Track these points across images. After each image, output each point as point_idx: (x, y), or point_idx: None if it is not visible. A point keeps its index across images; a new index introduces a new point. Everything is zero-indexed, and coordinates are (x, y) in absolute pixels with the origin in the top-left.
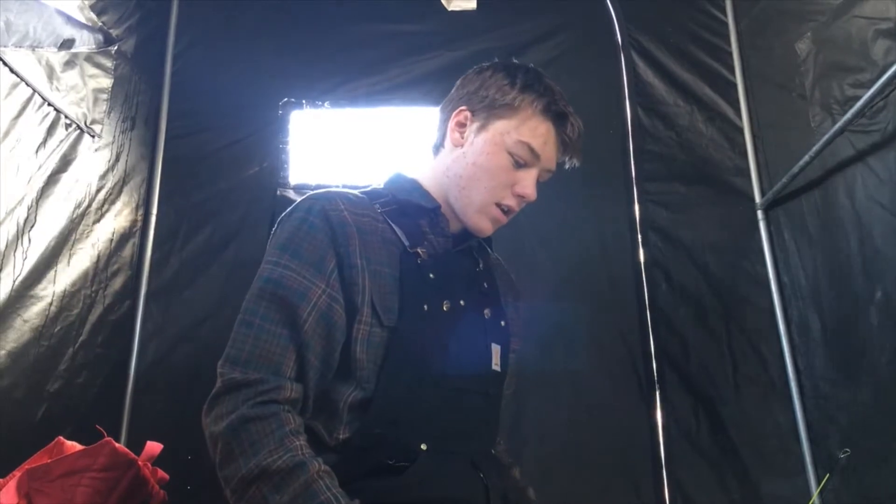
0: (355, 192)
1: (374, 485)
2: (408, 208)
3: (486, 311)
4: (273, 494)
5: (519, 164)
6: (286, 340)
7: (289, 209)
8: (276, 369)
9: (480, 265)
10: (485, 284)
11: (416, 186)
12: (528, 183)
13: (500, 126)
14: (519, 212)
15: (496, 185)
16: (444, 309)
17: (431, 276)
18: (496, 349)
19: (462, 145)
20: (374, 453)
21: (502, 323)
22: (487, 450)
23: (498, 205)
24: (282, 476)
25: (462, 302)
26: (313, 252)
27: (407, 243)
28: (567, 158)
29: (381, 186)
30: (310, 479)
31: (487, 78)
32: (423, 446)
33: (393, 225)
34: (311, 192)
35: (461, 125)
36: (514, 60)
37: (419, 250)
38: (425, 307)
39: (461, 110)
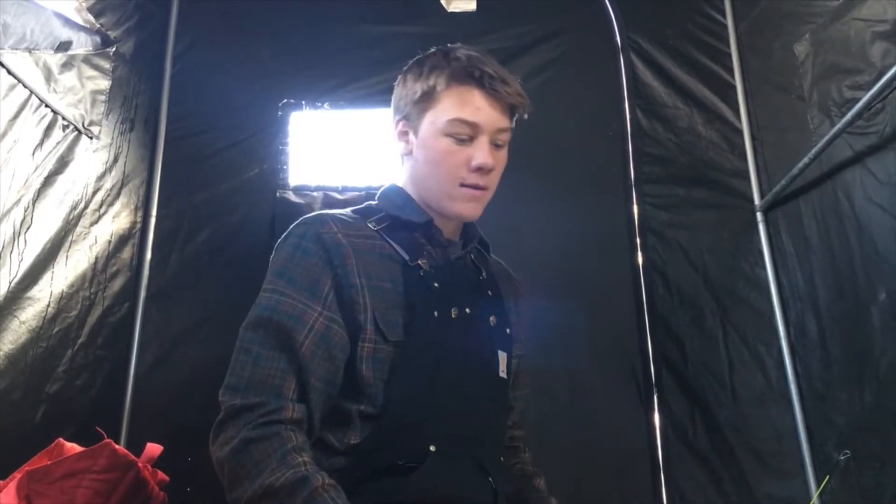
0: (347, 211)
1: (384, 485)
2: (402, 223)
3: (492, 319)
4: None
5: (462, 140)
6: (285, 364)
7: (283, 235)
8: (276, 392)
9: (483, 273)
10: (489, 292)
11: (407, 200)
12: (479, 154)
13: (428, 117)
14: (517, 214)
15: (450, 168)
16: (453, 316)
17: (436, 285)
18: (502, 356)
19: (411, 152)
20: (384, 454)
21: (507, 331)
22: (496, 455)
23: (462, 185)
24: (286, 493)
25: (468, 310)
26: (307, 276)
27: (407, 257)
28: (516, 111)
29: (376, 202)
30: (314, 492)
31: (404, 80)
32: (433, 448)
33: (390, 241)
34: (304, 217)
35: (403, 134)
36: (432, 49)
37: (420, 262)
38: (435, 314)
39: (397, 121)
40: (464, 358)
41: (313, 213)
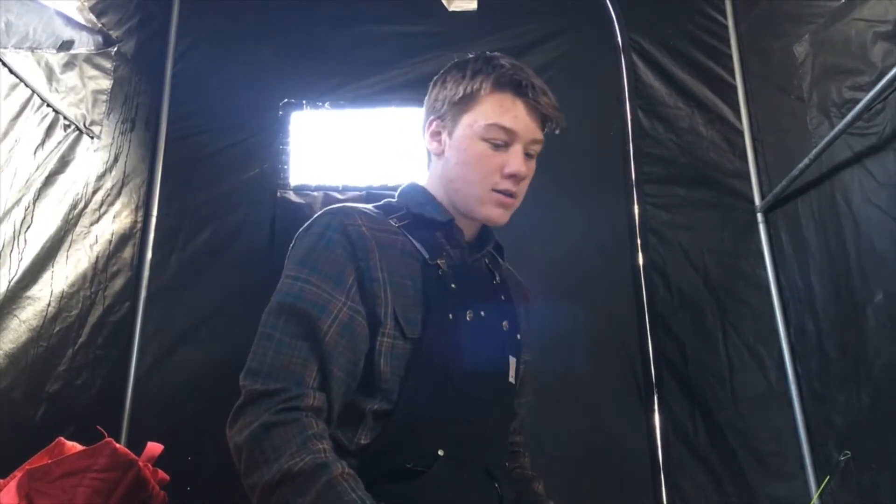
0: (370, 206)
1: (392, 488)
2: (423, 221)
3: (504, 324)
4: (296, 498)
5: (498, 146)
6: (307, 352)
7: (306, 224)
8: (297, 380)
9: (497, 278)
10: (502, 297)
11: (429, 199)
12: (513, 161)
13: (466, 119)
14: (518, 214)
15: (484, 173)
16: (468, 318)
17: (453, 286)
18: (512, 361)
19: (443, 152)
20: (393, 457)
21: (518, 336)
22: (501, 460)
23: (495, 190)
24: (304, 478)
25: (482, 313)
26: (332, 266)
27: (427, 255)
28: (549, 124)
29: (395, 199)
30: (333, 480)
31: (443, 81)
32: (441, 452)
33: (411, 238)
34: (328, 208)
35: (436, 134)
36: (471, 55)
37: (439, 262)
38: (450, 316)
39: (431, 121)
40: (476, 361)
41: (338, 205)
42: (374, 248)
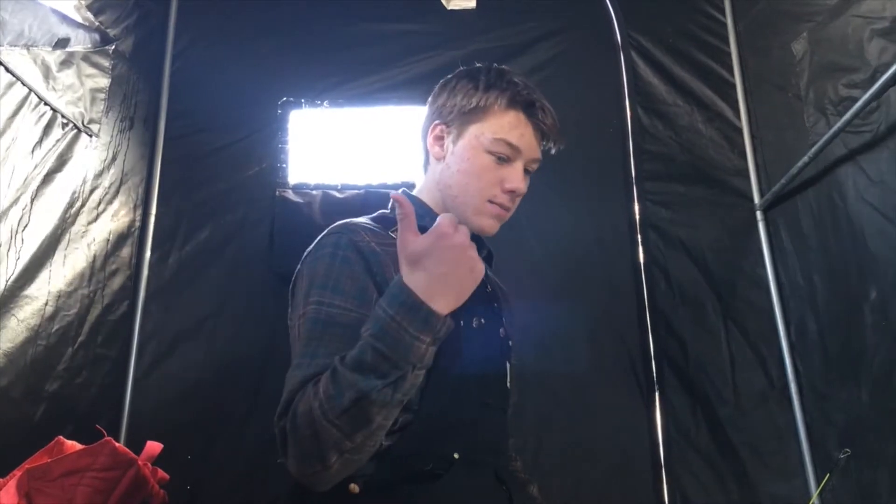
0: (367, 220)
1: (411, 490)
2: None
3: (501, 331)
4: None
5: (501, 160)
6: None
7: (313, 246)
8: None
9: (488, 286)
10: (495, 304)
11: (425, 210)
12: (514, 177)
13: (474, 129)
14: (518, 212)
15: (484, 185)
16: (474, 326)
17: None
18: (508, 367)
19: (444, 157)
20: (412, 460)
21: (510, 342)
22: (507, 463)
23: (491, 202)
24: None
25: (483, 320)
26: (354, 284)
27: None
28: (549, 144)
29: (389, 211)
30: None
31: (453, 88)
32: (456, 455)
33: None
34: (332, 227)
35: (439, 139)
36: (478, 65)
37: None
38: (461, 322)
39: (435, 125)
40: (484, 367)
41: (340, 223)
42: (389, 263)
